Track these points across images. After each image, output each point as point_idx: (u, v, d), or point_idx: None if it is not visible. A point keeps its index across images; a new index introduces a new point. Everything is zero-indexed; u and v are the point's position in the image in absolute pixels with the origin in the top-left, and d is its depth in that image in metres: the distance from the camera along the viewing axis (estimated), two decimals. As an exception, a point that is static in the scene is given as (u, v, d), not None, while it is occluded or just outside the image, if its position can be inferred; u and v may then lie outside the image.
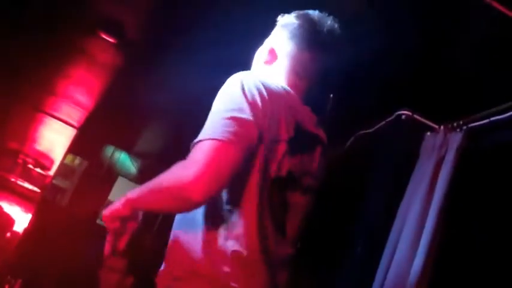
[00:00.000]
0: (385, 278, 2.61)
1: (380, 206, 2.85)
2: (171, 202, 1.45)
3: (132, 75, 4.51)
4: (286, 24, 1.81)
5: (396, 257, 2.61)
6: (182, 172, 1.38)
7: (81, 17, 3.86)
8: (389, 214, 2.74)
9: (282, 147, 1.54)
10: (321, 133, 1.76)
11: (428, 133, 2.86)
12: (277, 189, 1.55)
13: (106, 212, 1.61)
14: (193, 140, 1.42)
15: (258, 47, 1.88)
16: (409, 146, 2.88)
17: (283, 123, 1.55)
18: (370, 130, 3.09)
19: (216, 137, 1.38)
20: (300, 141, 1.60)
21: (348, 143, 3.18)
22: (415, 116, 2.92)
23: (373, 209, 2.86)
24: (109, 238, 1.64)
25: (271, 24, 1.88)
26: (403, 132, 2.91)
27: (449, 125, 2.74)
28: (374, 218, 2.83)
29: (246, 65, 1.89)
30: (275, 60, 1.80)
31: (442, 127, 2.79)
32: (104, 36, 3.85)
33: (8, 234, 6.51)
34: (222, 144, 1.37)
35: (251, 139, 1.44)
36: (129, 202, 1.55)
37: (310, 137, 1.69)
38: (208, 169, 1.35)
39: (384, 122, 3.01)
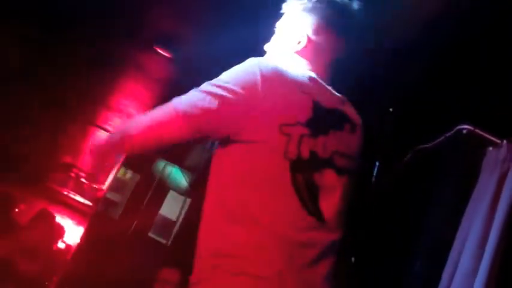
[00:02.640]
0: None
1: (440, 222, 2.79)
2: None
3: (185, 89, 4.54)
4: (315, 8, 1.81)
5: (458, 273, 2.54)
6: (140, 120, 1.62)
7: (137, 32, 3.92)
8: (450, 230, 2.67)
9: (299, 130, 1.53)
10: (349, 110, 1.75)
11: (491, 148, 2.78)
12: (300, 171, 1.53)
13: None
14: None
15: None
16: (470, 161, 2.81)
17: (297, 106, 1.57)
18: (429, 145, 3.03)
19: (176, 106, 1.55)
20: (322, 121, 1.60)
21: (407, 158, 3.12)
22: (476, 130, 2.84)
23: (433, 224, 2.80)
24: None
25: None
26: (463, 147, 2.84)
27: (513, 139, 2.67)
28: (434, 234, 2.77)
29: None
30: (306, 47, 1.79)
31: (504, 141, 2.71)
32: (160, 51, 3.90)
33: (63, 246, 6.63)
34: (176, 116, 1.53)
35: (220, 118, 1.53)
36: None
37: (334, 115, 1.67)
38: (149, 132, 1.58)
39: (443, 137, 2.95)
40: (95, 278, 5.48)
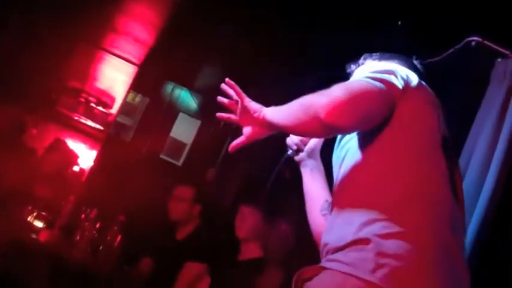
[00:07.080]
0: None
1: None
2: (301, 117, 1.48)
3: (192, 10, 4.48)
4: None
5: (465, 184, 2.58)
6: (325, 93, 1.44)
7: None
8: (458, 143, 2.70)
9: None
10: None
11: (499, 59, 2.77)
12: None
13: None
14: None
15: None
16: (479, 73, 2.80)
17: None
18: (437, 58, 3.00)
19: (368, 80, 1.51)
20: None
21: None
22: (485, 41, 2.81)
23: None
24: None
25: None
26: (472, 59, 2.82)
27: (523, 50, 2.65)
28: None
29: None
30: None
31: (514, 52, 2.70)
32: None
33: (77, 169, 6.75)
34: (372, 87, 1.48)
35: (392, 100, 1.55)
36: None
37: None
38: (347, 97, 1.40)
39: (452, 49, 2.92)
40: (110, 196, 5.62)
